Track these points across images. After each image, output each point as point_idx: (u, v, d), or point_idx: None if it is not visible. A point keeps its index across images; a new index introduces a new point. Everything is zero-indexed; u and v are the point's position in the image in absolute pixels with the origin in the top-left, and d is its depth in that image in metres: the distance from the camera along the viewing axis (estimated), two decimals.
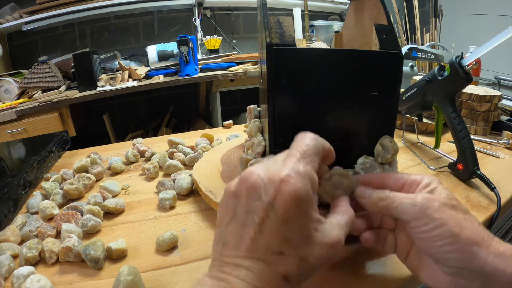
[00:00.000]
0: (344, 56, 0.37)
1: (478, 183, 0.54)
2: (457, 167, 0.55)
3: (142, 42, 2.18)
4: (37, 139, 0.85)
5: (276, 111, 0.36)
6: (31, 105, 1.50)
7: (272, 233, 0.23)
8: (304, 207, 0.24)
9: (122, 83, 1.69)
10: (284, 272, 0.23)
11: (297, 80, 0.35)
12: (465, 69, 0.53)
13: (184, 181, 0.52)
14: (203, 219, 0.46)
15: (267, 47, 0.34)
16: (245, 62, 1.93)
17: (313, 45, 1.95)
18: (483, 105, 0.74)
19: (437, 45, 1.32)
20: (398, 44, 0.37)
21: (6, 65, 1.89)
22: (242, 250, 0.23)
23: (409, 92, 0.65)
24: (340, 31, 0.60)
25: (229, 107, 2.33)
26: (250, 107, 0.53)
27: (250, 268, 0.23)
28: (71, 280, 0.35)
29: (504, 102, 0.88)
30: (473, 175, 0.52)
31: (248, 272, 0.22)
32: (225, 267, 0.23)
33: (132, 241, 0.41)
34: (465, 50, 1.02)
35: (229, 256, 0.23)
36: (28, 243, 0.38)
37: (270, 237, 0.23)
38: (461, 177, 0.55)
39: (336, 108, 0.37)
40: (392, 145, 0.38)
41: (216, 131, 0.82)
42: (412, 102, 0.65)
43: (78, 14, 1.82)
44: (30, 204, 0.49)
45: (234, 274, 0.22)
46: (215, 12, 2.27)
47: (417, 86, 0.63)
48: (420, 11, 2.39)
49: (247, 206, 0.24)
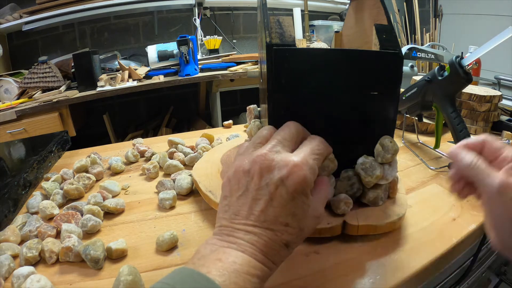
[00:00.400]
0: (344, 56, 0.37)
1: None
2: None
3: (142, 42, 2.18)
4: (37, 139, 0.85)
5: (276, 111, 0.36)
6: (31, 105, 1.50)
7: (281, 207, 0.28)
8: (307, 189, 0.29)
9: (122, 83, 1.68)
10: (286, 240, 0.28)
11: (297, 80, 0.35)
12: (465, 69, 0.53)
13: (184, 181, 0.52)
14: (203, 219, 0.46)
15: (267, 47, 0.34)
16: (245, 62, 1.93)
17: (313, 45, 1.95)
18: (483, 105, 0.74)
19: (437, 45, 1.32)
20: (398, 44, 0.37)
21: (6, 65, 1.89)
22: (253, 219, 0.27)
23: (409, 92, 0.64)
24: (340, 31, 0.60)
25: (229, 107, 2.33)
26: (250, 107, 0.53)
27: (259, 234, 0.27)
28: (71, 280, 0.35)
29: (504, 102, 0.88)
30: None
31: (257, 238, 0.27)
32: (236, 232, 0.27)
33: (132, 241, 0.41)
34: (465, 50, 1.02)
35: (240, 224, 0.27)
36: (28, 243, 0.38)
37: (279, 210, 0.27)
38: None
39: (336, 108, 0.37)
40: (392, 145, 0.38)
41: (216, 131, 0.82)
42: (412, 102, 0.65)
43: (78, 14, 1.82)
44: (30, 204, 0.49)
45: (245, 239, 0.26)
46: (215, 12, 2.27)
47: (417, 86, 0.63)
48: (420, 11, 2.39)
49: (259, 184, 0.28)
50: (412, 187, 0.53)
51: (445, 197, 0.50)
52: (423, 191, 0.52)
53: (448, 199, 0.50)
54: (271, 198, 0.28)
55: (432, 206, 0.48)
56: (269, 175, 0.28)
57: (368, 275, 0.35)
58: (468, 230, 0.42)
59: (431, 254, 0.38)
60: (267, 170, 0.28)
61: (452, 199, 0.50)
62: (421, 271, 0.36)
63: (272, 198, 0.28)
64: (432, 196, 0.51)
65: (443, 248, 0.39)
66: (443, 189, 0.53)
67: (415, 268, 0.36)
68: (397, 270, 0.35)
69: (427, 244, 0.40)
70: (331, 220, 0.38)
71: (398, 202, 0.42)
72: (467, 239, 0.42)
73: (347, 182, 0.39)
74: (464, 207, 0.48)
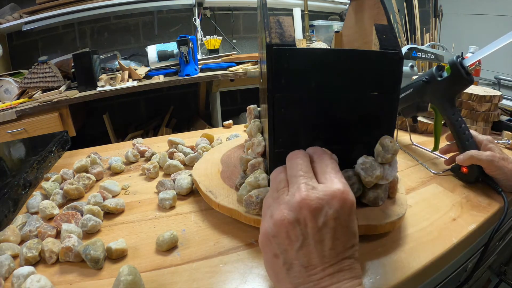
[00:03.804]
0: (344, 56, 0.37)
1: (473, 188, 0.53)
2: (461, 170, 0.54)
3: (142, 42, 2.18)
4: (37, 139, 0.84)
5: (276, 111, 0.36)
6: (31, 105, 1.50)
7: (345, 234, 0.28)
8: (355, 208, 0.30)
9: (122, 83, 1.69)
10: (357, 256, 0.28)
11: (297, 80, 0.35)
12: (467, 70, 0.53)
13: (184, 181, 0.52)
14: (203, 219, 0.46)
15: (267, 47, 0.34)
16: (245, 62, 1.93)
17: (313, 45, 1.95)
18: (483, 105, 0.74)
19: (437, 45, 1.32)
20: (398, 44, 0.37)
21: (6, 65, 1.89)
22: (327, 261, 0.27)
23: (404, 93, 0.62)
24: (340, 31, 0.60)
25: (229, 107, 2.33)
26: (250, 107, 0.53)
27: (342, 269, 0.27)
28: (71, 280, 0.35)
29: (504, 102, 0.88)
30: (480, 178, 0.51)
31: (343, 272, 0.27)
32: (321, 283, 0.26)
33: (132, 241, 0.41)
34: (465, 50, 1.02)
35: (318, 272, 0.27)
36: (28, 243, 0.38)
37: (344, 238, 0.28)
38: (466, 180, 0.54)
39: (336, 108, 0.37)
40: (392, 145, 0.38)
41: (216, 131, 0.82)
42: (407, 104, 0.63)
43: (78, 14, 1.82)
44: (30, 204, 0.49)
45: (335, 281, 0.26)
46: (215, 12, 2.27)
47: (412, 87, 0.61)
48: (420, 11, 2.39)
49: (317, 226, 0.27)
50: (412, 187, 0.53)
51: (445, 197, 0.50)
52: (423, 191, 0.52)
53: (448, 199, 0.50)
54: (334, 232, 0.27)
55: (432, 206, 0.48)
56: (322, 213, 0.27)
57: (368, 275, 0.35)
58: (468, 230, 0.42)
59: (431, 254, 0.38)
60: (317, 209, 0.27)
61: (452, 199, 0.50)
62: (421, 271, 0.36)
63: (335, 232, 0.27)
64: (432, 196, 0.51)
65: (443, 248, 0.39)
66: (443, 189, 0.53)
67: (415, 268, 0.36)
68: (397, 270, 0.35)
69: (427, 244, 0.40)
70: None
71: (398, 202, 0.42)
72: (467, 239, 0.42)
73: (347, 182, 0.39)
74: (464, 207, 0.48)
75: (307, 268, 0.27)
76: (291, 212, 0.28)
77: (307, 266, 0.27)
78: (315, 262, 0.27)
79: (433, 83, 0.57)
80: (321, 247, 0.27)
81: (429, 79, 0.57)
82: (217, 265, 0.37)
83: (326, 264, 0.27)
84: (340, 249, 0.27)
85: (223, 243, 0.41)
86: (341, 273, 0.27)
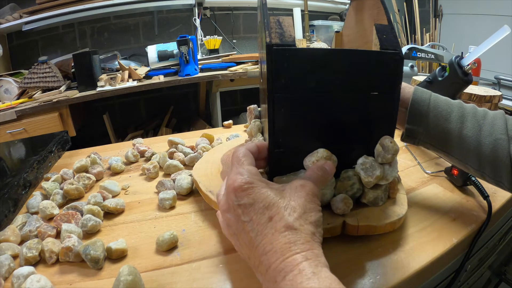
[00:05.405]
0: (344, 56, 0.37)
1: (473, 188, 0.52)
2: (452, 172, 0.53)
3: (142, 42, 2.18)
4: (37, 139, 0.84)
5: (276, 111, 0.36)
6: (31, 105, 1.50)
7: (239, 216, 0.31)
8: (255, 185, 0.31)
9: (122, 83, 1.68)
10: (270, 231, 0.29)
11: (297, 80, 0.35)
12: (464, 70, 0.53)
13: (184, 181, 0.52)
14: (203, 219, 0.46)
15: (267, 47, 0.34)
16: (245, 62, 1.93)
17: (313, 45, 1.95)
18: (483, 105, 0.74)
19: (437, 45, 1.32)
20: (398, 44, 0.37)
21: (6, 65, 1.89)
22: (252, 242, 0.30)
23: None
24: (340, 31, 0.60)
25: (229, 107, 2.33)
26: (250, 107, 0.53)
27: None
28: (71, 280, 0.35)
29: (504, 102, 0.88)
30: (467, 181, 0.51)
31: None
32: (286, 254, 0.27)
33: (132, 241, 0.41)
34: (465, 50, 1.02)
35: None
36: (28, 243, 0.38)
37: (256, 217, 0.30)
38: (455, 183, 0.53)
39: (336, 108, 0.37)
40: (392, 145, 0.38)
41: (216, 131, 0.82)
42: None
43: (78, 14, 1.82)
44: (30, 204, 0.49)
45: None
46: (215, 12, 2.27)
47: None
48: (420, 11, 2.39)
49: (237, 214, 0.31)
50: (412, 187, 0.53)
51: (445, 197, 0.50)
52: (423, 191, 0.52)
53: (448, 199, 0.50)
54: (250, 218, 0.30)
55: (432, 206, 0.48)
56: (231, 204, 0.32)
57: (368, 275, 0.35)
58: (468, 230, 0.42)
59: (431, 254, 0.38)
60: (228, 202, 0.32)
61: (452, 199, 0.50)
62: (421, 271, 0.36)
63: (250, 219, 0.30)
64: (432, 196, 0.51)
65: (443, 248, 0.39)
66: (443, 189, 0.53)
67: (415, 268, 0.36)
68: (397, 270, 0.35)
69: (427, 244, 0.40)
70: (331, 220, 0.38)
71: (398, 202, 0.42)
72: (467, 239, 0.42)
73: (347, 182, 0.39)
74: (464, 207, 0.48)
75: (267, 252, 0.29)
76: (222, 211, 0.34)
77: (267, 252, 0.28)
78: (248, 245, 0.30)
79: (435, 83, 0.58)
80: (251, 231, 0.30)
81: (431, 80, 0.58)
82: (217, 265, 0.37)
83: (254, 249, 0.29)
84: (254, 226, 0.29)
85: (223, 243, 0.41)
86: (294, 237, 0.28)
